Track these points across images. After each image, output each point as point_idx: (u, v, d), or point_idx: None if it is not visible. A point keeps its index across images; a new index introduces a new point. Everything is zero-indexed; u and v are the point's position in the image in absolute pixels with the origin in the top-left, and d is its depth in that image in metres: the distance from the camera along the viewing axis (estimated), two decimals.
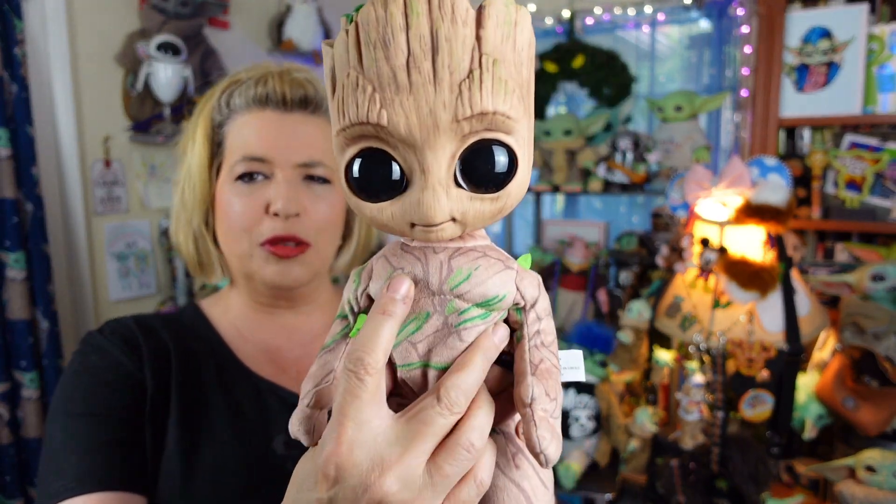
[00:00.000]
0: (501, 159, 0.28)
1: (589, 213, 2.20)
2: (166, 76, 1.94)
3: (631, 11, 2.15)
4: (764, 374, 1.43)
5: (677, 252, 1.56)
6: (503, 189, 0.29)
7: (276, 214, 0.61)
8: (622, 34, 2.28)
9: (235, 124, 0.64)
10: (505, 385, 0.34)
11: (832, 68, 1.72)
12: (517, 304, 0.32)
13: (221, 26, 2.27)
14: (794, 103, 1.80)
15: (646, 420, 1.44)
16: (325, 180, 0.64)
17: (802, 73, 1.77)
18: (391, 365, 0.33)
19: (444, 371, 0.31)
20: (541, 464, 0.30)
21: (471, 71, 0.27)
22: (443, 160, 0.28)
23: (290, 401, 0.64)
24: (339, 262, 0.73)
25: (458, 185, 0.28)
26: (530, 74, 0.30)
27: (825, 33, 1.72)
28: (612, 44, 2.19)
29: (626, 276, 1.91)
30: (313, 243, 0.64)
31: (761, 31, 1.81)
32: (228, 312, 0.70)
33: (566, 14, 2.24)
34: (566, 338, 1.77)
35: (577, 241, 1.96)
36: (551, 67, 2.12)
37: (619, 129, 1.94)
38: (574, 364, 0.34)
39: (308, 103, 0.65)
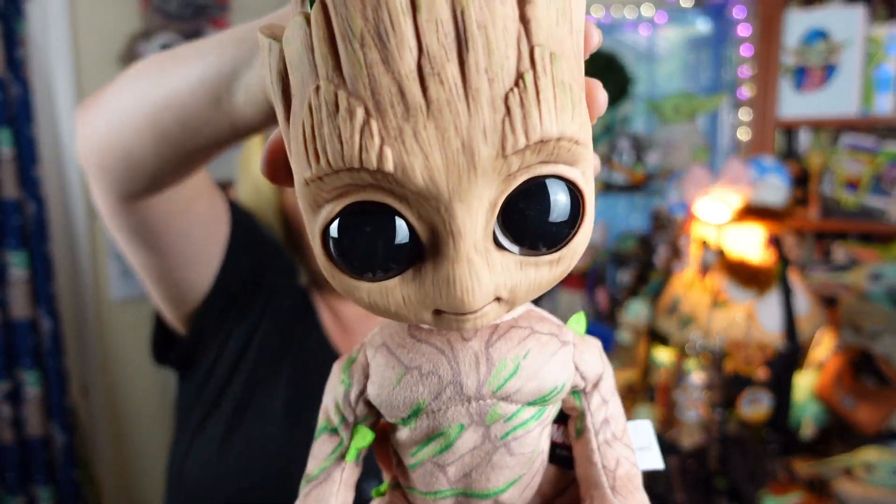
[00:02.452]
0: (562, 202, 0.19)
1: None
2: None
3: (630, 13, 2.16)
4: (762, 373, 1.44)
5: (676, 252, 1.57)
6: (567, 246, 0.19)
7: None
8: (621, 35, 2.28)
9: None
10: (562, 488, 0.26)
11: (830, 69, 1.73)
12: (575, 386, 0.24)
13: (223, 27, 2.28)
14: (793, 104, 1.81)
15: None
16: None
17: (800, 75, 1.78)
18: (399, 489, 0.25)
19: (490, 499, 0.23)
20: None
21: (520, 75, 0.17)
22: (479, 215, 0.18)
23: None
24: None
25: (499, 246, 0.19)
26: (582, 69, 0.20)
27: (823, 34, 1.73)
28: (611, 45, 2.20)
29: (624, 276, 1.92)
30: None
31: (759, 33, 1.82)
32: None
33: None
34: None
35: None
36: None
37: (618, 130, 1.95)
38: (644, 443, 0.26)
39: None
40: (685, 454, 1.39)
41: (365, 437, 0.24)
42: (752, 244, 1.39)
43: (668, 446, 1.41)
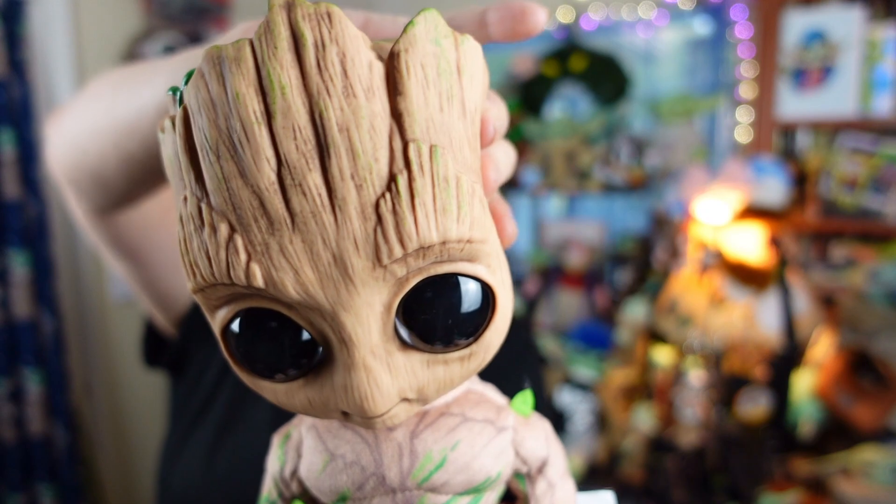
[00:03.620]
0: (467, 296, 0.18)
1: (587, 213, 2.22)
2: None
3: (628, 13, 2.17)
4: (761, 372, 1.45)
5: (674, 252, 1.58)
6: (477, 341, 0.18)
7: None
8: (619, 36, 2.29)
9: None
10: None
11: (828, 70, 1.74)
12: (517, 470, 0.22)
13: (225, 27, 2.29)
14: (791, 105, 1.82)
15: (643, 418, 1.45)
16: None
17: (799, 75, 1.79)
18: None
19: None
20: None
21: (392, 177, 0.16)
22: (371, 321, 0.17)
23: None
24: None
25: (404, 345, 0.18)
26: (475, 136, 0.18)
27: (821, 35, 1.74)
28: (610, 46, 2.21)
29: (623, 276, 1.93)
30: None
31: (758, 33, 1.83)
32: None
33: (565, 16, 2.26)
34: (565, 337, 1.79)
35: (575, 242, 1.98)
36: (551, 70, 2.14)
37: (617, 131, 1.96)
38: None
39: None
40: (684, 453, 1.39)
41: None
42: (750, 244, 1.39)
43: (667, 445, 1.41)
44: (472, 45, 0.17)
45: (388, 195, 0.16)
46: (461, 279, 0.17)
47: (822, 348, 1.56)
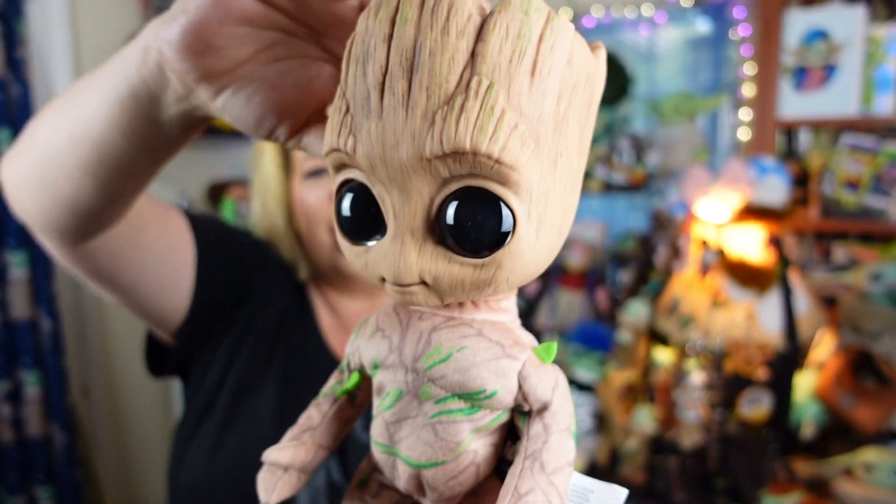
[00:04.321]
0: (489, 215, 0.21)
1: (588, 213, 2.21)
2: None
3: (630, 13, 2.16)
4: (762, 373, 1.44)
5: (676, 252, 1.57)
6: (491, 254, 0.22)
7: None
8: (621, 35, 2.28)
9: None
10: None
11: (830, 69, 1.73)
12: (519, 406, 0.25)
13: None
14: (793, 104, 1.81)
15: (644, 419, 1.45)
16: None
17: (800, 75, 1.78)
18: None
19: (415, 469, 0.25)
20: None
21: (453, 95, 0.20)
22: (416, 205, 0.22)
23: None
24: None
25: (438, 240, 0.22)
26: (568, 111, 0.22)
27: (823, 34, 1.73)
28: (610, 45, 2.20)
29: (624, 276, 1.92)
30: None
31: (759, 33, 1.82)
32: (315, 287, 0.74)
33: (565, 15, 2.25)
34: (565, 337, 1.79)
35: (575, 242, 1.97)
36: None
37: (618, 130, 1.95)
38: (607, 501, 0.26)
39: None
40: (685, 454, 1.39)
41: (353, 380, 0.28)
42: (752, 244, 1.39)
43: (668, 446, 1.41)
44: (561, 24, 0.22)
45: (445, 107, 0.20)
46: (485, 200, 0.21)
47: (824, 349, 1.55)
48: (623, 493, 0.27)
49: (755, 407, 1.46)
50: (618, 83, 2.08)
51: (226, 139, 2.14)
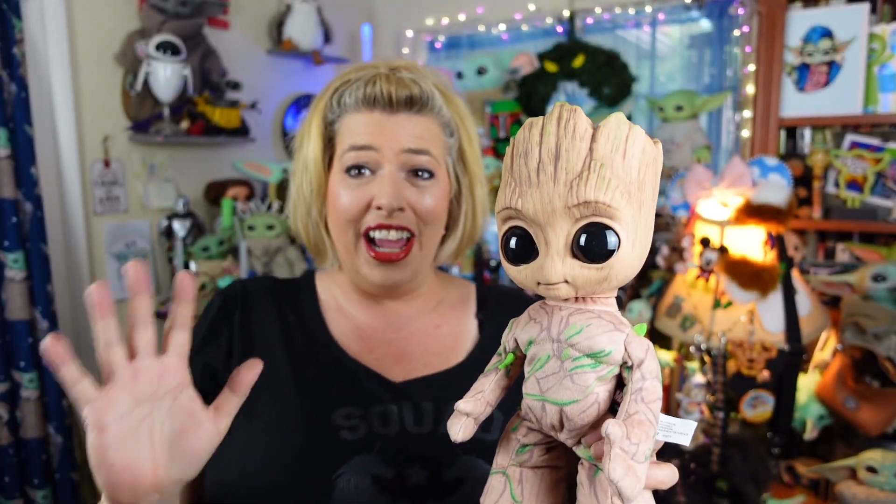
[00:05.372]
0: (604, 238, 0.35)
1: None
2: (165, 76, 1.93)
3: (631, 11, 2.15)
4: (764, 374, 1.43)
5: (678, 252, 1.56)
6: (606, 261, 0.35)
7: (378, 208, 0.65)
8: (622, 34, 2.27)
9: (345, 122, 0.69)
10: None
11: (833, 68, 1.72)
12: (625, 362, 0.37)
13: (221, 26, 2.27)
14: (795, 103, 1.80)
15: None
16: (429, 174, 0.67)
17: (803, 73, 1.77)
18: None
19: (559, 407, 0.37)
20: (621, 498, 0.33)
21: (581, 172, 0.35)
22: (560, 236, 0.36)
23: (366, 378, 0.66)
24: (443, 252, 0.76)
25: (574, 255, 0.36)
26: (644, 178, 0.36)
27: (826, 33, 1.72)
28: (612, 43, 2.19)
29: None
30: (417, 234, 0.67)
31: (762, 31, 1.81)
32: (333, 287, 0.75)
33: (567, 14, 2.24)
34: None
35: None
36: (551, 67, 2.11)
37: None
38: (683, 430, 0.39)
39: (413, 103, 0.68)
40: (687, 455, 1.38)
41: (509, 359, 0.42)
42: (754, 244, 1.38)
43: (669, 447, 1.40)
44: (637, 130, 0.36)
45: (577, 178, 0.34)
46: (600, 229, 0.35)
47: (827, 350, 1.54)
48: (693, 424, 0.39)
49: (757, 408, 1.45)
50: (619, 82, 2.07)
51: (224, 139, 2.13)
